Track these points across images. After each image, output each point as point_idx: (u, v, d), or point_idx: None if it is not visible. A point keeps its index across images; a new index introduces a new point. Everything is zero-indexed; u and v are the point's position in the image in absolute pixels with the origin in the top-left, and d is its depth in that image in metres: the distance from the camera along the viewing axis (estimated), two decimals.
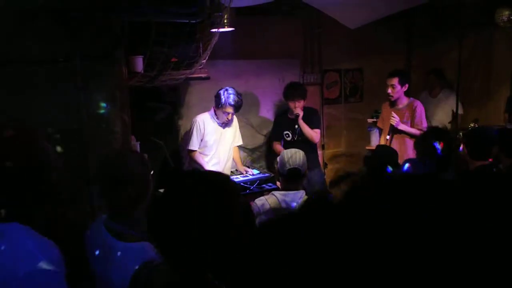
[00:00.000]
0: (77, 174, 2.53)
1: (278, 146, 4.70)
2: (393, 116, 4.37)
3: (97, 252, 1.70)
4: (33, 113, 2.46)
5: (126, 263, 1.49)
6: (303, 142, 4.52)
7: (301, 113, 4.50)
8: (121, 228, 1.67)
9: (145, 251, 1.52)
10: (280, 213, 1.09)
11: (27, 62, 2.47)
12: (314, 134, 4.59)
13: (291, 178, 2.90)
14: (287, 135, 4.69)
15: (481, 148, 2.82)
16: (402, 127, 4.34)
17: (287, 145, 4.59)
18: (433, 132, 3.01)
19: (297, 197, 2.80)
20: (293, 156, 2.89)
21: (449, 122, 5.25)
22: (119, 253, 1.59)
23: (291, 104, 4.53)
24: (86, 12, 2.53)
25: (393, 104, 4.51)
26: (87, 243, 1.80)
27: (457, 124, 4.65)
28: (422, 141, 2.94)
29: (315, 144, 4.77)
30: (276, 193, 2.87)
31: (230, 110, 4.08)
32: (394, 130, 4.44)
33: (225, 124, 4.28)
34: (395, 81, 4.38)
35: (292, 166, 2.85)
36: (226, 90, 4.09)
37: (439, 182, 0.74)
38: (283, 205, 2.78)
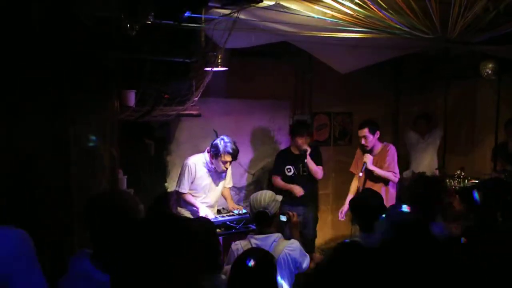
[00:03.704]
0: (63, 207, 2.48)
1: (278, 180, 4.72)
2: (365, 156, 4.40)
3: None
4: (21, 144, 2.43)
5: None
6: (306, 178, 4.63)
7: (309, 149, 4.60)
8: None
9: None
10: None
11: (17, 93, 2.46)
12: (319, 171, 4.69)
13: (258, 221, 2.89)
14: (288, 170, 4.70)
15: None
16: (372, 167, 4.36)
17: (287, 180, 4.68)
18: (421, 180, 3.00)
19: (269, 242, 2.76)
20: (259, 198, 2.87)
21: (436, 168, 5.31)
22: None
23: (299, 140, 4.60)
24: (82, 47, 2.56)
25: (369, 152, 4.55)
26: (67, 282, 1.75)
27: (443, 171, 4.70)
28: (410, 188, 2.93)
29: (316, 181, 4.85)
30: (251, 237, 2.84)
31: (228, 158, 4.03)
32: (368, 176, 4.47)
33: (218, 173, 4.22)
34: (365, 131, 4.44)
35: (257, 210, 2.84)
36: (222, 139, 4.04)
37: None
38: None
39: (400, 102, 6.22)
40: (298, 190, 4.57)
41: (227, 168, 4.14)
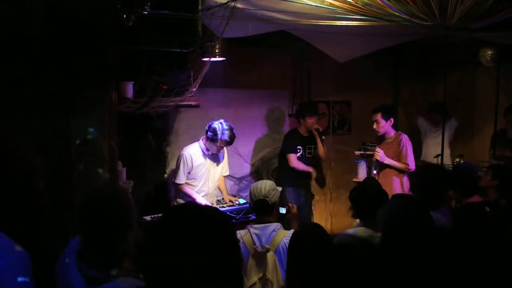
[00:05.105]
0: (62, 199, 2.49)
1: (298, 161, 4.76)
2: (377, 151, 4.40)
3: None
4: (21, 137, 2.43)
5: None
6: (309, 160, 4.82)
7: (320, 128, 4.84)
8: (93, 271, 1.62)
9: None
10: None
11: (18, 86, 2.45)
12: (325, 151, 4.91)
13: (258, 210, 2.87)
14: (298, 150, 4.84)
15: (468, 184, 2.80)
16: (387, 161, 4.34)
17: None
18: (426, 169, 2.97)
19: (269, 231, 2.75)
20: (259, 187, 2.84)
21: (434, 157, 5.29)
22: None
23: (310, 121, 4.76)
24: (81, 40, 2.54)
25: (381, 139, 4.54)
26: (58, 276, 1.76)
27: (442, 160, 4.69)
28: (414, 177, 2.92)
29: None
30: (250, 227, 2.84)
31: (224, 145, 4.04)
32: (380, 166, 4.45)
33: (214, 157, 4.24)
34: (378, 116, 4.42)
35: (257, 198, 2.83)
36: (221, 123, 3.94)
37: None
38: (256, 240, 2.75)
39: (400, 90, 6.20)
40: (315, 174, 4.84)
41: (220, 151, 4.18)
